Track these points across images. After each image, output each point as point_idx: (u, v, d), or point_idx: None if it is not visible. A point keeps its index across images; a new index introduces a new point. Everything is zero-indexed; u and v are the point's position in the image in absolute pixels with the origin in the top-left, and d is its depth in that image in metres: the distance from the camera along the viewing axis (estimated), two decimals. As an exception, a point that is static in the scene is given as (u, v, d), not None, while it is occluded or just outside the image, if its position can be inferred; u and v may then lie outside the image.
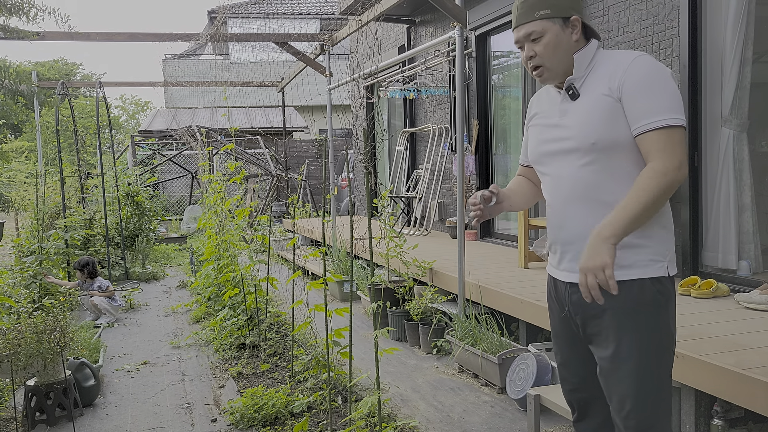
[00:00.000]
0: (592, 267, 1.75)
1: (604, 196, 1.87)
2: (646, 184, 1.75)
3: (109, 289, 6.25)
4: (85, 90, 22.37)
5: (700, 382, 2.64)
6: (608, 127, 1.84)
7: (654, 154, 1.78)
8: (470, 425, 3.43)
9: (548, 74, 1.94)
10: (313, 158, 15.74)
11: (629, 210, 1.75)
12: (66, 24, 6.71)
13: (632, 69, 1.82)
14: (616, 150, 1.85)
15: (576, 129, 1.90)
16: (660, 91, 1.79)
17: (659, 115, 1.77)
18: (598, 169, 1.87)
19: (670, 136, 1.77)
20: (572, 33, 1.91)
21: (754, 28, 4.01)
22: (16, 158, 14.39)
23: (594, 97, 1.88)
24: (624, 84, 1.82)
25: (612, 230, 1.75)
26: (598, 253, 1.75)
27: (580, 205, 1.91)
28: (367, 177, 3.16)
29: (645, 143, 1.80)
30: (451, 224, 7.19)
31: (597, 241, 1.76)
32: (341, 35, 7.47)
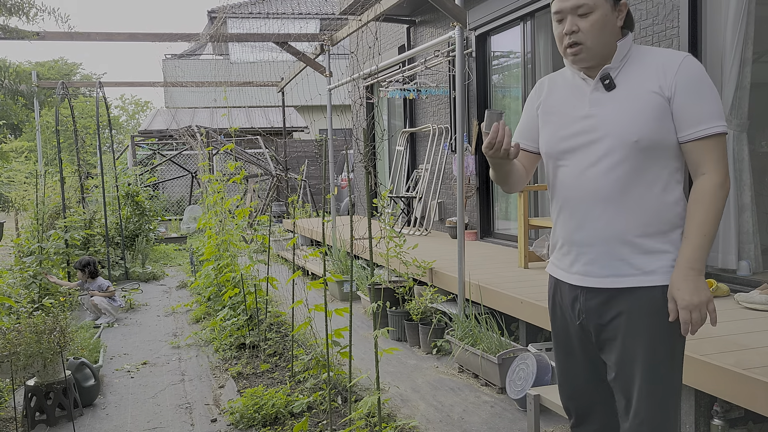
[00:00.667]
0: (698, 304, 1.71)
1: (634, 199, 1.78)
2: (714, 201, 1.72)
3: (110, 289, 6.25)
4: (85, 90, 22.38)
5: (700, 382, 2.64)
6: (655, 126, 1.75)
7: (708, 164, 1.74)
8: (470, 425, 3.43)
9: (586, 54, 1.80)
10: (313, 158, 15.74)
11: (707, 233, 1.72)
12: (66, 24, 6.71)
13: (685, 69, 1.75)
14: (656, 151, 1.77)
15: (612, 122, 1.79)
16: (712, 95, 1.75)
17: (713, 121, 1.73)
18: (631, 169, 1.77)
19: (721, 144, 1.74)
20: (618, 17, 1.81)
21: (754, 28, 4.01)
22: (16, 158, 14.39)
23: (639, 93, 1.78)
24: (676, 84, 1.74)
25: (698, 259, 1.73)
26: (698, 288, 1.71)
27: (605, 206, 1.80)
28: (367, 177, 3.16)
29: (697, 150, 1.75)
30: (451, 224, 7.19)
31: (692, 274, 1.72)
32: (341, 35, 7.47)
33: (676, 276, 1.74)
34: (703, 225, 1.72)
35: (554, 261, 2.00)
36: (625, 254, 1.80)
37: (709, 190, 1.73)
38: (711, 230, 1.72)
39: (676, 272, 1.74)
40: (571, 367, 2.00)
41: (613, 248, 1.81)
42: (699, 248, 1.73)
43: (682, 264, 1.74)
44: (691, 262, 1.72)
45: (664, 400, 1.80)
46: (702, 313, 1.72)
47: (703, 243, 1.73)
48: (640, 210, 1.78)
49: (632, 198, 1.78)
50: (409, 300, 5.14)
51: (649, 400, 1.79)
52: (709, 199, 1.72)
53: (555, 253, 1.99)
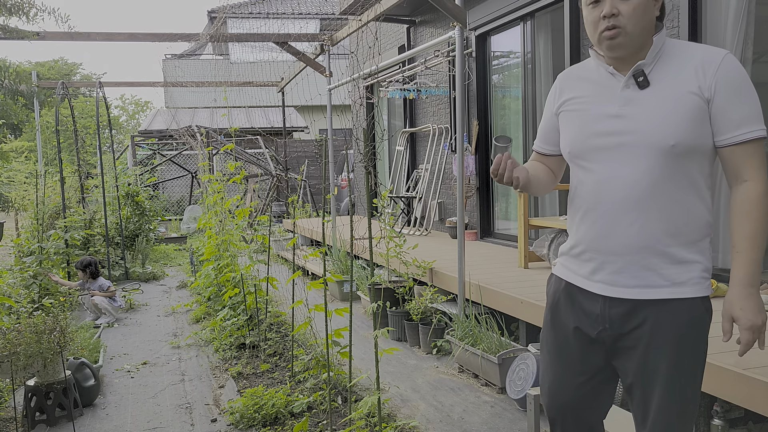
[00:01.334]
0: (761, 324, 1.63)
1: (667, 206, 1.67)
2: (760, 210, 1.63)
3: (110, 289, 6.26)
4: (85, 90, 22.38)
5: (700, 382, 2.64)
6: (693, 129, 1.63)
7: (750, 171, 1.64)
8: (470, 425, 3.43)
9: (624, 39, 1.66)
10: (313, 158, 15.74)
11: (761, 245, 1.63)
12: (66, 24, 6.71)
13: (726, 68, 1.63)
14: (692, 156, 1.66)
15: (647, 124, 1.66)
16: (753, 97, 1.64)
17: (754, 124, 1.63)
18: (665, 175, 1.66)
19: (761, 149, 1.64)
20: (655, 6, 1.69)
21: (754, 28, 4.01)
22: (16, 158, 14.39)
23: (676, 93, 1.65)
24: (716, 84, 1.62)
25: (756, 275, 1.63)
26: (761, 307, 1.63)
27: (638, 214, 1.68)
28: (367, 177, 3.16)
29: (737, 155, 1.64)
30: (451, 224, 7.19)
31: (754, 292, 1.63)
32: (341, 35, 7.47)
33: (736, 295, 1.64)
34: (755, 237, 1.63)
35: (569, 265, 1.86)
36: (655, 264, 1.70)
37: (757, 199, 1.63)
38: (763, 242, 1.63)
39: (735, 290, 1.65)
40: (566, 378, 1.88)
41: (643, 258, 1.70)
42: (755, 263, 1.63)
43: (740, 281, 1.64)
44: (750, 278, 1.63)
45: (683, 414, 1.72)
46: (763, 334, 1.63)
47: (758, 257, 1.63)
48: (673, 218, 1.68)
49: (665, 205, 1.67)
50: (409, 300, 5.14)
51: (669, 413, 1.71)
52: (758, 208, 1.63)
53: (571, 258, 1.85)
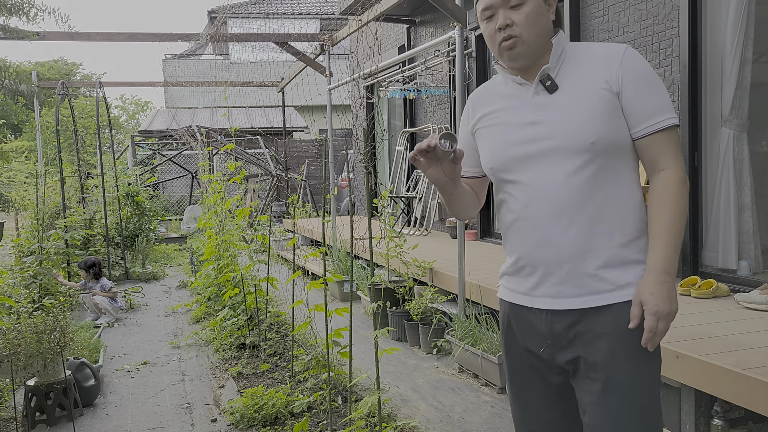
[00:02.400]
0: (668, 312, 1.56)
1: (601, 206, 1.62)
2: (681, 198, 1.60)
3: (112, 290, 6.27)
4: (85, 90, 22.36)
5: (700, 382, 2.64)
6: (609, 124, 1.61)
7: (666, 159, 1.62)
8: (470, 425, 3.43)
9: (523, 48, 1.64)
10: (313, 158, 15.74)
11: (679, 233, 1.59)
12: (66, 24, 6.71)
13: (629, 61, 1.63)
14: (616, 152, 1.63)
15: (564, 126, 1.62)
16: (661, 86, 1.64)
17: (665, 112, 1.62)
18: (593, 174, 1.61)
19: (674, 137, 1.63)
20: (549, 11, 1.68)
21: (754, 28, 4.01)
22: (16, 158, 14.39)
23: (586, 90, 1.63)
24: (623, 77, 1.62)
25: (674, 264, 1.59)
26: (672, 296, 1.57)
27: (572, 218, 1.61)
28: (367, 177, 3.16)
29: (653, 146, 1.63)
30: (451, 224, 7.19)
31: (668, 279, 1.58)
32: (341, 35, 7.47)
33: (650, 280, 1.58)
34: (673, 225, 1.59)
35: (509, 285, 1.78)
36: (598, 269, 1.62)
37: (674, 187, 1.61)
38: (681, 230, 1.60)
39: (649, 276, 1.58)
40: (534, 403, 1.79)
41: (585, 263, 1.62)
42: (673, 249, 1.59)
43: (655, 267, 1.58)
44: (666, 265, 1.58)
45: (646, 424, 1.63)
46: (668, 325, 1.57)
47: (676, 244, 1.60)
48: (609, 217, 1.62)
49: (599, 205, 1.62)
50: (409, 300, 5.14)
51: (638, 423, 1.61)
52: (676, 196, 1.60)
53: (510, 276, 1.77)
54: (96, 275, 6.25)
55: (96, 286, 6.21)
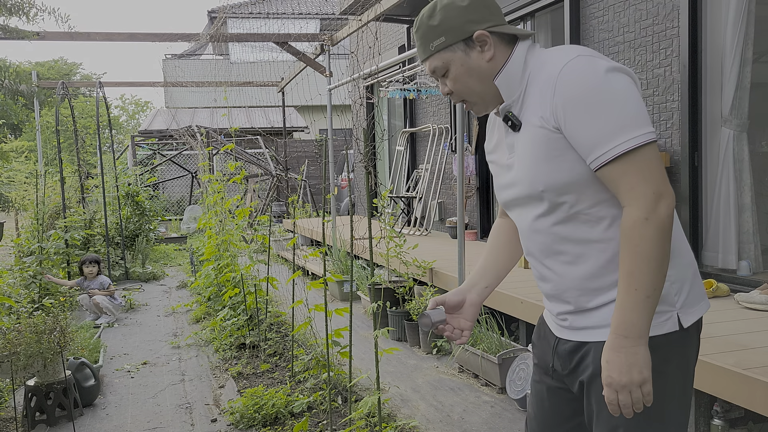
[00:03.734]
0: (627, 383, 1.33)
1: (576, 249, 1.46)
2: (635, 244, 1.32)
3: (110, 288, 6.27)
4: (85, 90, 22.38)
5: (700, 382, 2.64)
6: (554, 167, 1.40)
7: (622, 195, 1.35)
8: (470, 425, 3.43)
9: (479, 107, 1.55)
10: (313, 158, 15.74)
11: (639, 287, 1.32)
12: (66, 24, 6.72)
13: (561, 87, 1.37)
14: (574, 192, 1.42)
15: (521, 172, 1.48)
16: (604, 107, 1.34)
17: (610, 141, 1.33)
18: (560, 220, 1.45)
19: (632, 165, 1.33)
20: (482, 52, 1.48)
21: (754, 28, 4.01)
22: (16, 158, 14.39)
23: (530, 131, 1.44)
24: (557, 110, 1.38)
25: (633, 323, 1.32)
26: (632, 364, 1.32)
27: (554, 259, 1.50)
28: (367, 177, 3.16)
29: (605, 179, 1.37)
30: (451, 224, 7.19)
31: (627, 344, 1.33)
32: (341, 35, 7.47)
33: (608, 345, 1.36)
34: (631, 276, 1.32)
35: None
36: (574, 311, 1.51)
37: (631, 229, 1.33)
38: (645, 281, 1.31)
39: (609, 339, 1.37)
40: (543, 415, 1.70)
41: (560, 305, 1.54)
42: (632, 309, 1.32)
43: (613, 330, 1.35)
44: (623, 327, 1.33)
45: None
46: (634, 396, 1.34)
47: (637, 300, 1.32)
48: (585, 259, 1.45)
49: (575, 248, 1.46)
50: (410, 300, 5.14)
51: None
52: (630, 240, 1.33)
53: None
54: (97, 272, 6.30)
55: (94, 284, 6.21)
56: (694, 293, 1.47)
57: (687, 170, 4.24)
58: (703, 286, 1.52)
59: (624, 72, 1.38)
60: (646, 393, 1.35)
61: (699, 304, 1.49)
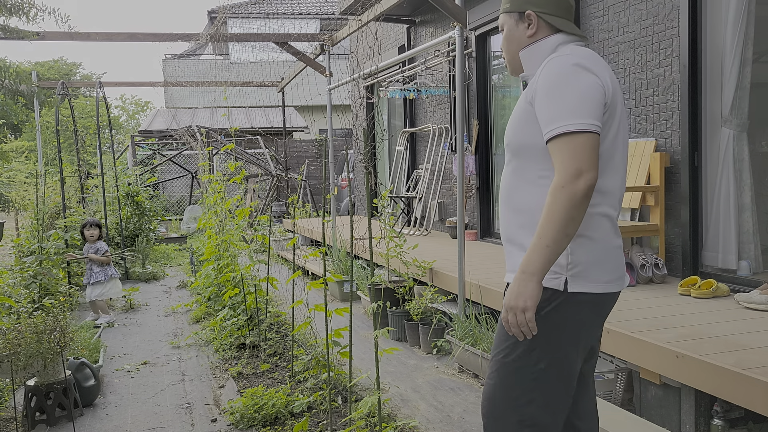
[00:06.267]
0: (514, 306, 1.71)
1: (516, 200, 1.86)
2: (550, 203, 1.67)
3: (107, 254, 6.27)
4: (85, 90, 22.37)
5: (700, 382, 2.64)
6: (520, 130, 1.83)
7: (555, 167, 1.70)
8: (470, 425, 3.43)
9: (510, 67, 1.98)
10: (313, 158, 15.74)
11: (543, 236, 1.66)
12: (66, 24, 6.71)
13: (542, 73, 1.77)
14: (526, 154, 1.82)
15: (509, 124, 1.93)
16: (560, 95, 1.71)
17: (556, 122, 1.69)
18: (514, 172, 1.87)
19: (567, 144, 1.68)
20: (527, 28, 1.89)
21: (754, 28, 4.01)
22: (16, 158, 14.39)
23: (521, 98, 1.87)
24: (536, 90, 1.78)
25: (532, 263, 1.68)
26: (521, 292, 1.69)
27: (502, 205, 1.92)
28: (367, 177, 3.16)
29: (551, 154, 1.74)
30: (451, 224, 7.19)
31: (522, 278, 1.69)
32: (341, 35, 7.47)
33: (514, 276, 1.76)
34: (541, 227, 1.67)
35: None
36: (513, 252, 1.87)
37: (551, 192, 1.68)
38: (548, 233, 1.65)
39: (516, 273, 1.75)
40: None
41: (506, 247, 1.92)
42: (535, 252, 1.67)
43: (520, 265, 1.73)
44: (525, 264, 1.69)
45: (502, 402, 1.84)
46: (519, 319, 1.71)
47: (539, 246, 1.67)
48: (522, 210, 1.83)
49: (516, 198, 1.85)
50: (409, 300, 5.14)
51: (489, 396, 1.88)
52: (548, 199, 1.67)
53: None
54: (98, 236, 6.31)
55: (92, 248, 6.21)
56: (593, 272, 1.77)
57: (687, 170, 4.24)
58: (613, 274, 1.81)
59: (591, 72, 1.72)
60: (528, 319, 1.69)
61: (594, 282, 1.78)
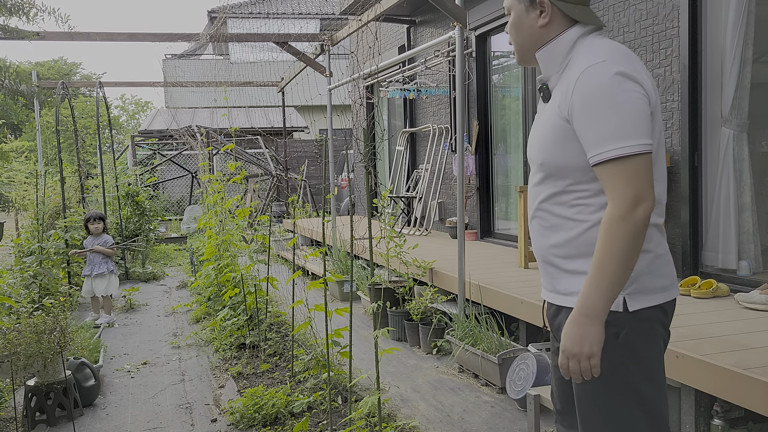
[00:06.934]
0: (577, 353, 1.54)
1: (553, 218, 1.69)
2: (608, 236, 1.51)
3: (113, 246, 6.29)
4: (85, 90, 22.38)
5: (700, 382, 2.64)
6: (556, 149, 1.62)
7: (608, 193, 1.54)
8: (470, 425, 3.43)
9: (517, 56, 1.78)
10: (313, 158, 15.73)
11: (604, 273, 1.50)
12: (66, 24, 6.70)
13: (579, 86, 1.56)
14: (566, 174, 1.63)
15: (535, 139, 1.72)
16: (606, 112, 1.51)
17: (605, 144, 1.51)
18: (546, 189, 1.69)
19: (620, 169, 1.51)
20: (539, 17, 1.67)
21: (754, 28, 4.01)
22: (16, 158, 14.39)
23: (551, 111, 1.65)
24: (573, 105, 1.57)
25: (595, 306, 1.51)
26: (585, 337, 1.52)
27: (534, 222, 1.76)
28: (367, 177, 3.16)
29: (599, 177, 1.56)
30: (451, 224, 7.19)
31: (584, 321, 1.53)
32: (341, 35, 7.47)
33: (570, 318, 1.56)
34: (598, 262, 1.51)
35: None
36: (551, 273, 1.72)
37: (606, 224, 1.52)
38: (612, 271, 1.49)
39: (571, 314, 1.57)
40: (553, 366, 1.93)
41: (543, 266, 1.76)
42: (595, 290, 1.51)
43: (577, 307, 1.55)
44: (585, 307, 1.52)
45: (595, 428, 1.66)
46: (583, 366, 1.54)
47: (600, 284, 1.50)
48: (558, 230, 1.67)
49: (551, 217, 1.69)
50: (410, 300, 5.14)
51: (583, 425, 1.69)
52: (606, 233, 1.51)
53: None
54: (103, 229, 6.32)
55: (99, 240, 6.22)
56: (649, 283, 1.62)
57: (687, 170, 4.23)
58: (667, 279, 1.66)
59: (634, 80, 1.54)
60: (593, 365, 1.55)
61: (652, 294, 1.62)
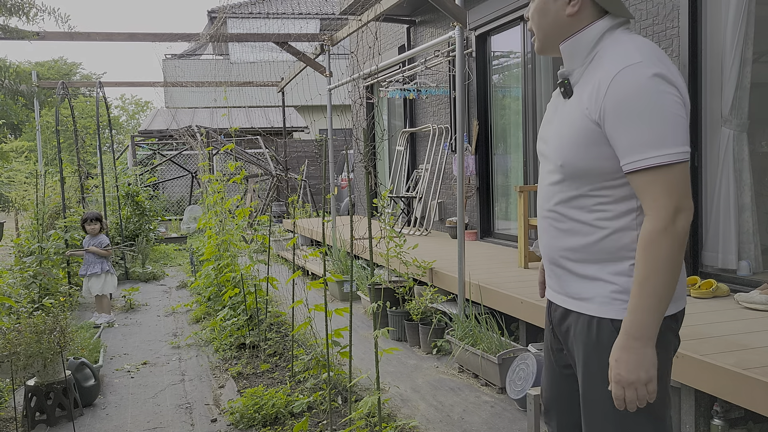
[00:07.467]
0: (635, 381, 1.43)
1: (568, 221, 1.60)
2: (651, 251, 1.41)
3: (107, 248, 6.27)
4: (85, 90, 22.37)
5: (700, 382, 2.64)
6: (582, 153, 1.51)
7: (646, 204, 1.44)
8: (470, 425, 3.43)
9: (538, 44, 1.65)
10: (313, 158, 15.73)
11: (651, 290, 1.41)
12: (66, 24, 6.70)
13: (613, 88, 1.44)
14: (589, 180, 1.53)
15: (554, 138, 1.60)
16: (643, 118, 1.41)
17: (643, 151, 1.41)
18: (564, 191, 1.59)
19: (660, 178, 1.41)
20: (567, 4, 1.55)
21: (754, 28, 4.01)
22: (16, 158, 14.39)
23: (575, 110, 1.53)
24: (605, 108, 1.45)
25: (646, 327, 1.42)
26: (640, 363, 1.42)
27: (545, 222, 1.66)
28: (367, 177, 3.16)
29: (634, 185, 1.47)
30: (451, 224, 7.19)
31: (636, 345, 1.42)
32: (341, 35, 7.47)
33: (618, 343, 1.46)
34: (646, 282, 1.42)
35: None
36: (561, 275, 1.65)
37: (648, 238, 1.42)
38: (659, 287, 1.41)
39: (619, 339, 1.46)
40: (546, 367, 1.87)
41: (552, 267, 1.68)
42: (644, 312, 1.42)
43: (625, 331, 1.44)
44: (635, 329, 1.42)
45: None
46: (640, 393, 1.44)
47: (650, 305, 1.41)
48: (573, 234, 1.58)
49: (566, 220, 1.59)
50: (409, 300, 5.14)
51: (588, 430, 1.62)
52: (648, 248, 1.42)
53: None
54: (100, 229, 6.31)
55: (95, 241, 6.20)
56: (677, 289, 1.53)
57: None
58: (680, 289, 1.58)
59: (671, 83, 1.43)
60: (651, 391, 1.44)
61: (678, 300, 1.56)
